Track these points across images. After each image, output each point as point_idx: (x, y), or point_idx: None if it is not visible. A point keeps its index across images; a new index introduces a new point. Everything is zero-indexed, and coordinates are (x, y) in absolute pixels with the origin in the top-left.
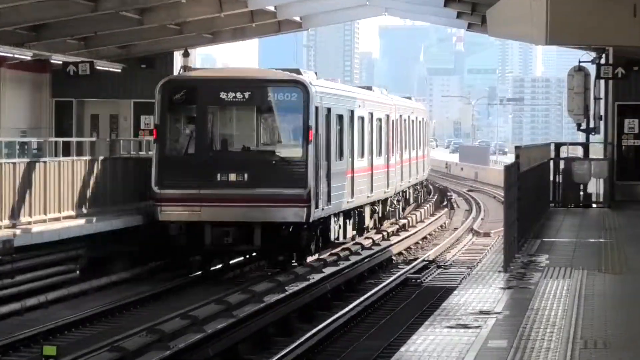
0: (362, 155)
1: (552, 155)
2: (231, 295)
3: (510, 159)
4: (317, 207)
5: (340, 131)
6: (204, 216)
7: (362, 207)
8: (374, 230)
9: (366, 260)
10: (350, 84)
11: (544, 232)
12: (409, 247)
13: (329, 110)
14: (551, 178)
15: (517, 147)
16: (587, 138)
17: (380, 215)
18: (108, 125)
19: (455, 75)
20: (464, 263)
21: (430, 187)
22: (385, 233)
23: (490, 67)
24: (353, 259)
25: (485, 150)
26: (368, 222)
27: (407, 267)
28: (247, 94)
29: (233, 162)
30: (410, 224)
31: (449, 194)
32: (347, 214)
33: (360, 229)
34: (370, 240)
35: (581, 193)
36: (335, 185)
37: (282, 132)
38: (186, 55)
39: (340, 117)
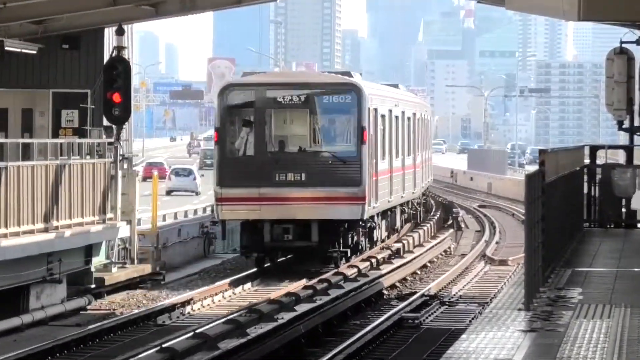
0: (397, 154)
1: (587, 161)
2: (177, 340)
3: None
4: (369, 204)
5: (383, 131)
6: (263, 214)
7: (395, 207)
8: (395, 236)
9: (350, 294)
10: (331, 69)
11: (577, 259)
12: (405, 279)
13: (375, 110)
14: (585, 190)
15: (541, 152)
16: (631, 139)
17: (406, 217)
18: (20, 122)
19: (463, 60)
20: (474, 299)
21: (432, 201)
22: (374, 260)
23: (508, 50)
24: (333, 293)
25: (501, 155)
26: (398, 223)
27: (402, 304)
28: (302, 97)
29: (290, 162)
30: (406, 249)
31: (455, 210)
32: (384, 214)
33: (392, 229)
34: (356, 270)
35: (623, 210)
36: (380, 185)
37: (337, 133)
38: (120, 33)
39: (383, 117)
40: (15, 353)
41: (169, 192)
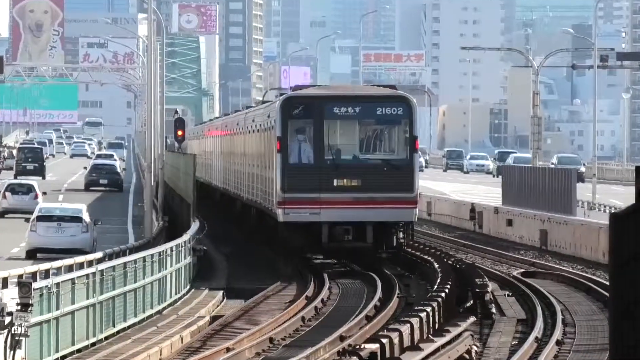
0: None
1: None
2: None
3: None
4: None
5: None
6: (322, 217)
7: None
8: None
9: None
10: (247, 15)
11: None
12: None
13: None
14: None
15: (639, 169)
16: None
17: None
18: None
19: (493, 0)
20: None
21: (435, 264)
22: None
23: None
24: None
25: (566, 175)
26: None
27: None
28: (357, 109)
29: (348, 169)
30: (389, 354)
31: (479, 281)
32: None
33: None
34: None
35: None
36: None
37: (390, 142)
38: None
39: None
40: None
41: (3, 214)
